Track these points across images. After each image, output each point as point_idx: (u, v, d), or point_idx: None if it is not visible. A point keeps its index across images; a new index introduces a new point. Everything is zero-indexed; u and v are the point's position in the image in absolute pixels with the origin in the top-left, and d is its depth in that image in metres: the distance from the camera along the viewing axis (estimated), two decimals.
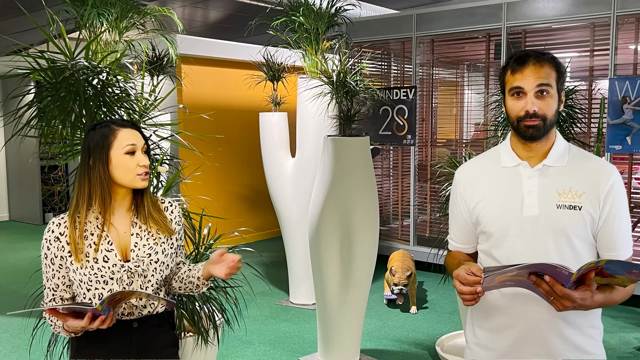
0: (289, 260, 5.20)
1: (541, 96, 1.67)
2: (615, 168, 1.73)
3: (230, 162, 7.52)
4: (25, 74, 2.61)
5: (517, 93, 1.69)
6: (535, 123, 1.67)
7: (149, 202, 1.88)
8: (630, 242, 1.72)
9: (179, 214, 1.98)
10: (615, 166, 1.80)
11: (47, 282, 1.84)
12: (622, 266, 1.47)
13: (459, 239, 1.90)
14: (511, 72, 1.70)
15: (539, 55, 1.69)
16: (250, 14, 5.51)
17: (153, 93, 3.09)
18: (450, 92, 6.46)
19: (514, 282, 1.57)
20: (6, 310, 5.01)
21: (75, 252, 1.77)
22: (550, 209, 1.67)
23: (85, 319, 1.67)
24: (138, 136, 1.83)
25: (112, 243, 1.81)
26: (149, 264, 1.83)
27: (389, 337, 4.40)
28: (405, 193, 6.34)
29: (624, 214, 1.71)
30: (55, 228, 1.81)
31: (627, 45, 5.04)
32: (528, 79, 1.66)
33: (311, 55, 4.49)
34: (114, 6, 3.11)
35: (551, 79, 1.67)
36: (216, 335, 3.10)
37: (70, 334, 1.81)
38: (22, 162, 9.02)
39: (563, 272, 1.46)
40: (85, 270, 1.77)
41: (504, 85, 1.74)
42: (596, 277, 1.51)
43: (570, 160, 1.73)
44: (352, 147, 3.54)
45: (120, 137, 1.80)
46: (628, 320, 4.72)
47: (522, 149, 1.76)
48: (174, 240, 1.93)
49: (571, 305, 1.51)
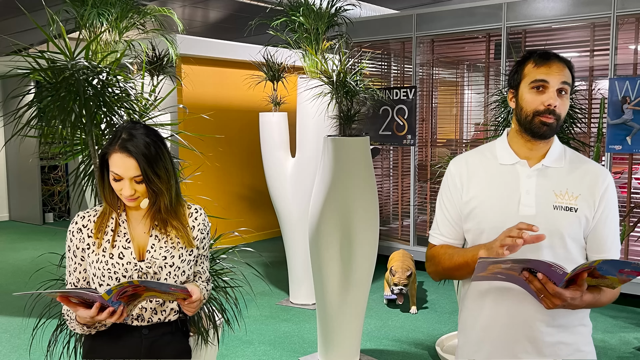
0: (289, 260, 5.20)
1: (560, 95, 1.67)
2: (609, 171, 1.75)
3: (230, 162, 7.52)
4: (25, 74, 2.61)
5: (539, 87, 1.67)
6: (551, 121, 1.66)
7: (166, 209, 1.80)
8: (618, 245, 1.73)
9: (204, 221, 1.90)
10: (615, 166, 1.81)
11: (68, 277, 1.83)
12: (615, 265, 1.47)
13: (450, 234, 1.83)
14: (535, 65, 1.68)
15: (560, 57, 1.70)
16: (250, 14, 5.51)
17: (153, 93, 3.10)
18: (450, 92, 6.46)
19: (504, 277, 1.56)
20: (6, 310, 5.01)
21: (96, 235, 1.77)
22: (547, 210, 1.68)
23: (93, 309, 1.62)
24: (129, 166, 1.70)
25: (130, 241, 1.80)
26: (162, 266, 1.80)
27: (389, 337, 4.40)
28: (405, 193, 6.34)
29: (615, 218, 1.72)
30: (80, 220, 1.81)
31: (627, 45, 5.04)
32: (554, 74, 1.65)
33: (311, 55, 4.49)
34: (114, 6, 3.10)
35: (570, 81, 1.69)
36: (216, 335, 3.09)
37: (84, 328, 1.78)
38: (22, 162, 9.02)
39: (557, 272, 1.46)
40: (100, 264, 1.76)
41: (521, 78, 1.71)
42: (587, 278, 1.52)
43: (567, 162, 1.74)
44: (352, 147, 3.54)
45: (112, 160, 1.72)
46: (628, 320, 4.72)
47: (523, 147, 1.74)
48: (194, 248, 1.87)
49: (561, 304, 1.52)
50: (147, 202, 1.77)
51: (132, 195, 1.74)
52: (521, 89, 1.71)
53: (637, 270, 1.45)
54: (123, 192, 1.73)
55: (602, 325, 4.59)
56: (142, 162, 1.71)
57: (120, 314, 1.65)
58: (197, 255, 1.90)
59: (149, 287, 1.64)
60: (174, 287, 1.67)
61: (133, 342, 1.81)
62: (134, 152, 1.70)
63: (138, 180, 1.73)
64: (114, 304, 1.63)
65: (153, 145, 1.74)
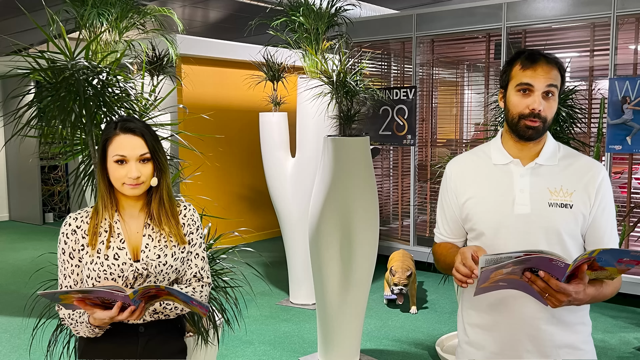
0: (289, 260, 5.20)
1: (547, 97, 1.67)
2: (603, 166, 1.75)
3: (230, 162, 7.52)
4: (25, 74, 2.61)
5: (525, 90, 1.67)
6: (536, 125, 1.67)
7: (158, 207, 1.82)
8: (616, 238, 1.74)
9: (192, 217, 1.91)
10: (615, 166, 1.82)
11: (64, 280, 1.80)
12: (613, 254, 1.47)
13: (449, 233, 1.89)
14: (522, 68, 1.68)
15: (548, 57, 1.69)
16: (250, 14, 5.51)
17: (153, 93, 3.09)
18: (450, 92, 6.46)
19: (506, 283, 1.57)
20: (6, 310, 5.01)
21: (91, 241, 1.76)
22: (542, 207, 1.68)
23: (115, 309, 1.61)
24: (135, 145, 1.73)
25: (124, 241, 1.80)
26: (157, 266, 1.80)
27: (389, 337, 4.40)
28: (405, 193, 6.34)
29: (611, 211, 1.72)
30: (73, 221, 1.80)
31: (627, 45, 5.04)
32: (540, 77, 1.65)
33: (311, 55, 4.49)
34: (114, 6, 3.10)
35: (558, 82, 1.68)
36: (216, 335, 3.10)
37: (94, 330, 1.75)
38: (22, 162, 9.02)
39: (559, 265, 1.45)
40: (95, 265, 1.76)
41: (508, 80, 1.72)
42: (587, 271, 1.52)
43: (561, 159, 1.75)
44: (352, 147, 3.54)
45: (114, 144, 1.73)
46: (628, 320, 4.72)
47: (514, 147, 1.76)
48: (186, 244, 1.88)
49: (566, 300, 1.51)
50: (157, 180, 1.79)
51: (138, 179, 1.74)
52: (509, 90, 1.72)
53: (635, 259, 1.45)
54: (130, 174, 1.72)
55: (602, 325, 4.59)
56: (149, 137, 1.76)
57: (140, 311, 1.65)
58: (188, 252, 1.90)
59: (173, 293, 1.64)
60: (196, 302, 1.66)
61: (130, 340, 1.81)
62: (138, 129, 1.75)
63: (145, 157, 1.75)
64: (135, 302, 1.62)
65: (150, 127, 1.81)
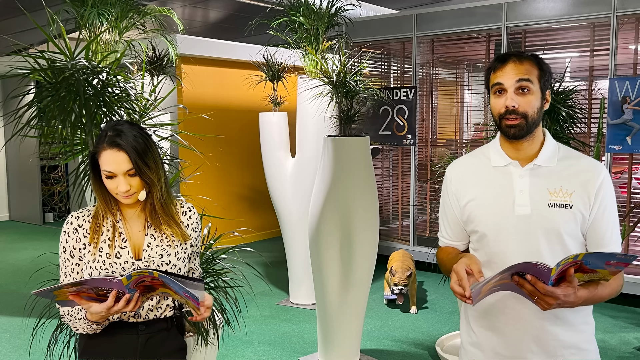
0: (289, 260, 5.20)
1: (522, 93, 1.67)
2: (604, 166, 1.75)
3: (230, 162, 7.52)
4: (25, 74, 2.61)
5: (498, 90, 1.70)
6: (517, 122, 1.68)
7: (151, 214, 1.82)
8: (619, 239, 1.73)
9: (197, 220, 1.93)
10: (615, 166, 1.82)
11: (64, 279, 1.81)
12: (600, 258, 1.47)
13: (451, 237, 1.90)
14: (493, 71, 1.72)
15: (520, 54, 1.71)
16: (250, 14, 5.51)
17: (153, 93, 3.09)
18: (450, 92, 6.46)
19: (499, 287, 1.58)
20: (6, 310, 5.01)
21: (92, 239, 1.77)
22: (542, 208, 1.68)
23: (110, 298, 1.61)
24: (120, 161, 1.72)
25: (126, 240, 1.80)
26: (159, 265, 1.80)
27: (389, 337, 4.40)
28: (405, 193, 6.34)
29: (613, 211, 1.72)
30: (74, 220, 1.80)
31: (627, 45, 5.04)
32: (508, 75, 1.68)
33: (311, 55, 4.49)
34: (114, 6, 3.10)
35: (532, 75, 1.68)
36: (216, 335, 3.10)
37: (92, 327, 1.75)
38: (22, 162, 9.02)
39: (542, 269, 1.46)
40: (96, 264, 1.76)
41: (489, 86, 1.76)
42: (578, 274, 1.52)
43: (560, 159, 1.75)
44: (352, 147, 3.54)
45: (102, 158, 1.73)
46: (628, 320, 4.72)
47: (510, 148, 1.76)
48: (187, 246, 1.89)
49: (555, 303, 1.51)
50: (145, 193, 1.79)
51: (128, 191, 1.75)
52: (490, 95, 1.76)
53: (623, 262, 1.45)
54: (119, 188, 1.73)
55: (602, 325, 4.59)
56: (133, 154, 1.73)
57: (135, 301, 1.64)
58: (190, 253, 1.92)
59: (166, 283, 1.63)
60: (188, 294, 1.66)
61: (129, 338, 1.81)
62: (123, 145, 1.72)
63: (131, 173, 1.74)
64: (130, 290, 1.61)
65: (140, 138, 1.77)
